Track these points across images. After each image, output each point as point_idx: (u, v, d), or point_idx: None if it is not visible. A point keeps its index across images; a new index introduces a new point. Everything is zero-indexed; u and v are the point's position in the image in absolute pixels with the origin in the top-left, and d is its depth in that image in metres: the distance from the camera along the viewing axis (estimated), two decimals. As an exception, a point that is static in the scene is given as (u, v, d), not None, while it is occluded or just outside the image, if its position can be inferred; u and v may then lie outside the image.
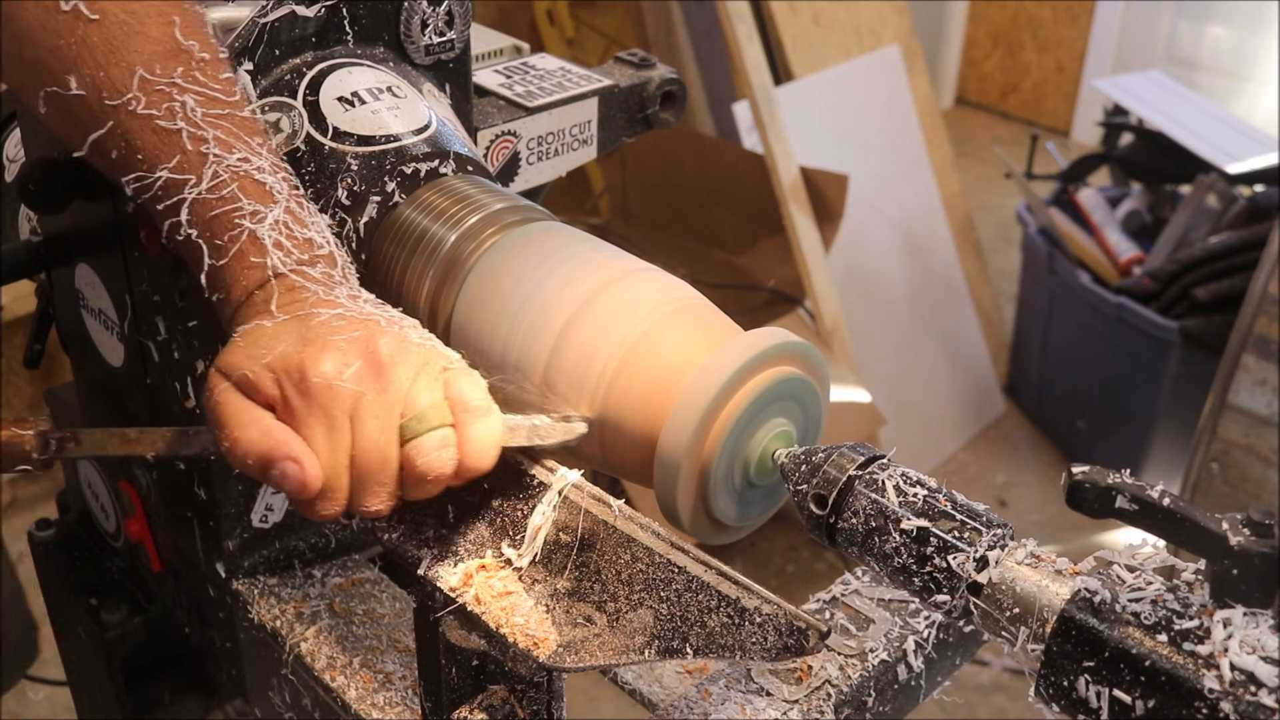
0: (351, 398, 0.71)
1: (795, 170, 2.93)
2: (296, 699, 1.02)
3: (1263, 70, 4.56)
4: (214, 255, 0.78)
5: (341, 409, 0.71)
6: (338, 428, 0.71)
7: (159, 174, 0.78)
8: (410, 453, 0.72)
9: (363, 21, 0.96)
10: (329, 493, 0.72)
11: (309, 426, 0.71)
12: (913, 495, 0.71)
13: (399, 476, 0.73)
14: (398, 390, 0.72)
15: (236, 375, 0.73)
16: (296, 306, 0.75)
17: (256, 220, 0.77)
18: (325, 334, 0.73)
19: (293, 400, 0.71)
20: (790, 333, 0.80)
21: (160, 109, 0.78)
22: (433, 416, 0.72)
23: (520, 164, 1.15)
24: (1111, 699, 0.61)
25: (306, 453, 0.71)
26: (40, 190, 0.92)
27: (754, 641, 0.68)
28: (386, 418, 0.72)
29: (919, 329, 3.42)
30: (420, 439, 0.72)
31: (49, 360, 2.32)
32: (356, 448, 0.72)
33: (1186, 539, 0.61)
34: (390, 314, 0.77)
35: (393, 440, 0.72)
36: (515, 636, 0.73)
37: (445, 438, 0.72)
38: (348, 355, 0.72)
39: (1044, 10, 5.18)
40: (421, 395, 0.72)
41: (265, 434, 0.71)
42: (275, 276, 0.77)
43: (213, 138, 0.78)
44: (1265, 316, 2.19)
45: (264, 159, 0.80)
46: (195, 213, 0.78)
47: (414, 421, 0.72)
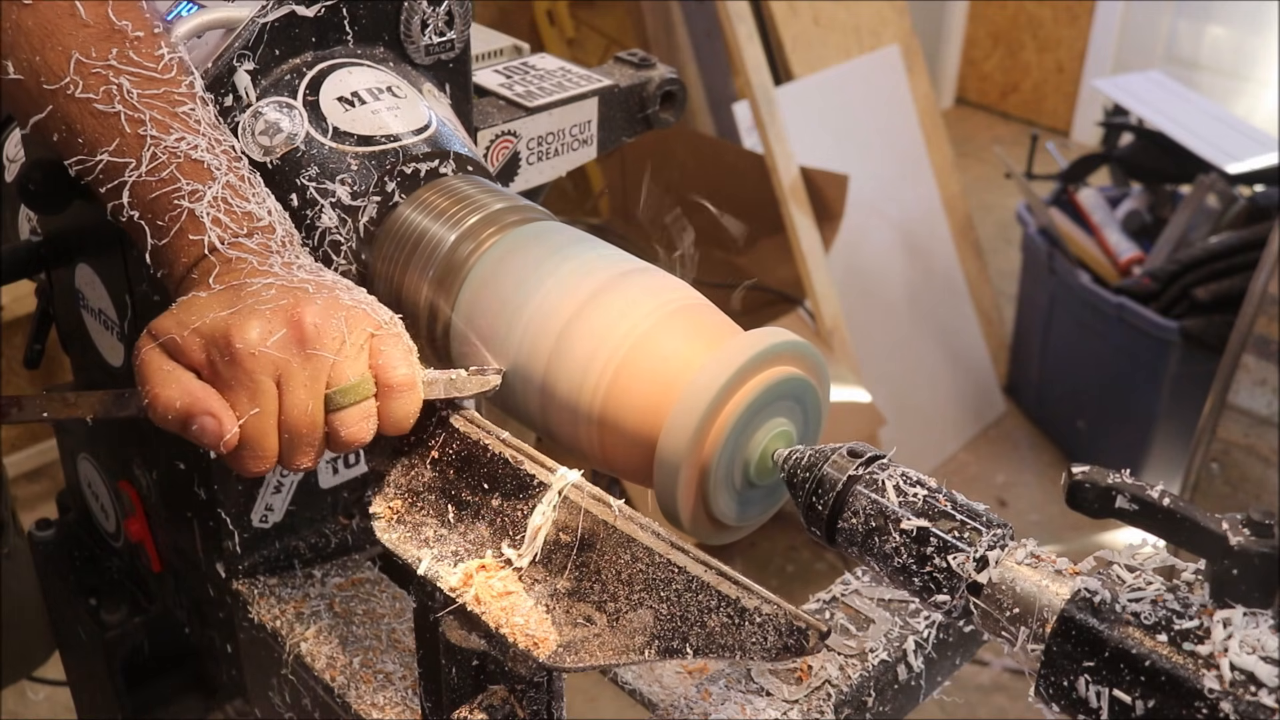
0: (275, 364, 0.75)
1: (795, 170, 2.93)
2: (296, 699, 1.02)
3: (1263, 70, 4.56)
4: (155, 235, 0.80)
5: (265, 373, 0.75)
6: (262, 391, 0.75)
7: (100, 157, 0.80)
8: (335, 423, 0.77)
9: (363, 21, 0.96)
10: (257, 450, 0.77)
11: (232, 390, 0.75)
12: (913, 495, 0.71)
13: (324, 438, 0.78)
14: (323, 358, 0.76)
15: (164, 338, 0.76)
16: (231, 277, 0.79)
17: (195, 199, 0.80)
18: (253, 302, 0.76)
19: (218, 365, 0.75)
20: (790, 333, 0.80)
21: (98, 92, 0.79)
22: (356, 390, 0.77)
23: (520, 164, 1.15)
24: (1111, 699, 0.61)
25: (224, 409, 0.75)
26: (40, 190, 0.92)
27: (754, 641, 0.68)
28: (313, 385, 0.76)
29: (919, 329, 3.42)
30: (344, 412, 0.77)
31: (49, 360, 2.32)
32: (285, 413, 0.76)
33: (1186, 539, 0.61)
34: (323, 279, 0.80)
35: (319, 407, 0.76)
36: (515, 636, 0.73)
37: (367, 410, 0.78)
38: (272, 323, 0.75)
39: (1044, 10, 5.18)
40: (347, 366, 0.77)
41: (184, 391, 0.75)
42: (212, 252, 0.80)
43: (150, 119, 0.80)
44: (1265, 316, 2.19)
45: (201, 136, 0.82)
46: (136, 194, 0.80)
47: (339, 394, 0.76)
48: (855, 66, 3.32)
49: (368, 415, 0.78)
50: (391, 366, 0.78)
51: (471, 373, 0.84)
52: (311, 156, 0.90)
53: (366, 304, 0.80)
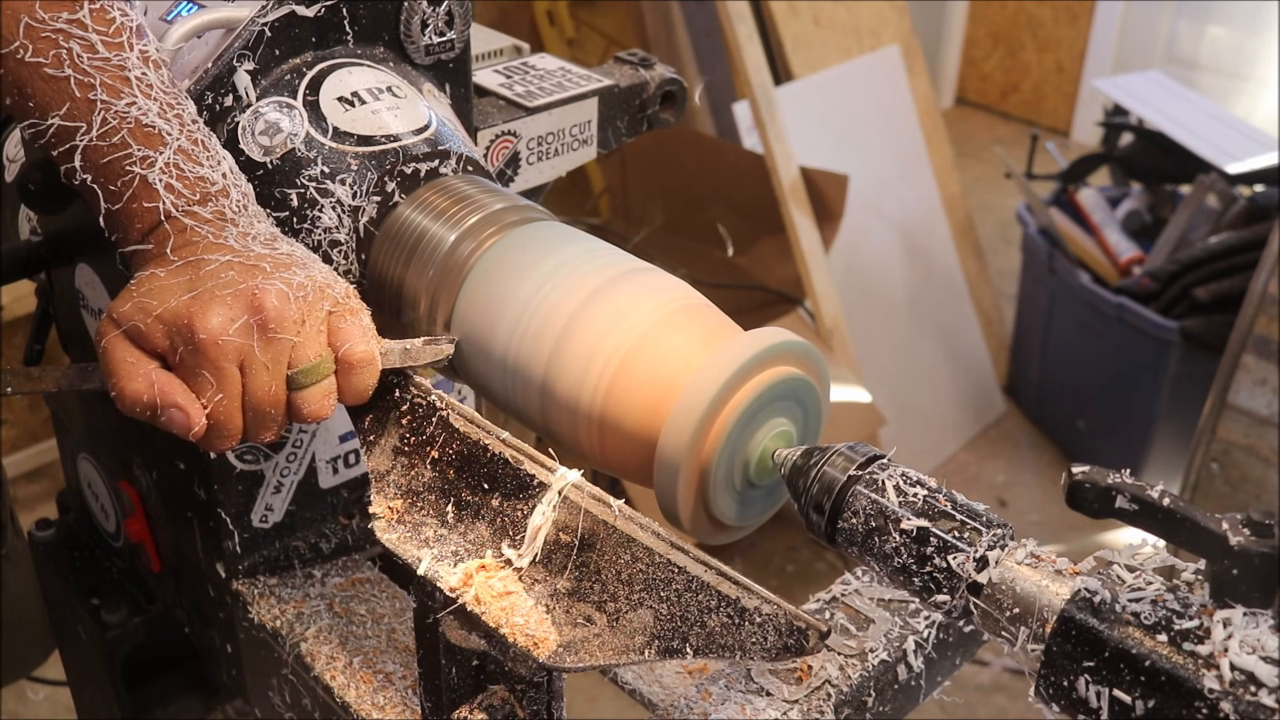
0: (238, 350, 0.77)
1: (795, 170, 2.93)
2: (296, 699, 1.02)
3: (1263, 70, 4.56)
4: (109, 200, 0.81)
5: (229, 360, 0.77)
6: (226, 376, 0.77)
7: (50, 121, 0.80)
8: (297, 401, 0.80)
9: (363, 21, 0.96)
10: (222, 431, 0.79)
11: (197, 376, 0.77)
12: (913, 495, 0.71)
13: (287, 414, 0.80)
14: (284, 341, 0.78)
15: (127, 325, 0.77)
16: (188, 251, 0.79)
17: (146, 165, 0.80)
18: (213, 285, 0.77)
19: (182, 353, 0.77)
20: (790, 333, 0.80)
21: (47, 56, 0.79)
22: (317, 370, 0.79)
23: (520, 164, 1.15)
24: (1111, 699, 0.61)
25: (190, 400, 0.77)
26: (40, 190, 0.92)
27: (754, 641, 0.68)
28: (275, 366, 0.78)
29: (919, 329, 3.42)
30: (306, 391, 0.79)
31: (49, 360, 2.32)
32: (249, 394, 0.78)
33: (1186, 539, 0.61)
34: (279, 254, 0.81)
35: (281, 387, 0.79)
36: (515, 636, 0.73)
37: (327, 387, 0.80)
38: (234, 309, 0.76)
39: (1044, 10, 5.18)
40: (307, 345, 0.79)
41: (150, 384, 0.77)
42: (167, 219, 0.80)
43: (100, 83, 0.80)
44: (1265, 316, 2.19)
45: (153, 101, 0.82)
46: (88, 159, 0.80)
47: (300, 375, 0.79)
48: (855, 66, 3.32)
49: (328, 392, 0.80)
50: (350, 343, 0.80)
51: (425, 342, 0.87)
52: (311, 156, 0.90)
53: (323, 279, 0.81)
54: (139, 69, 0.82)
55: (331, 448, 1.08)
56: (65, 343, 1.23)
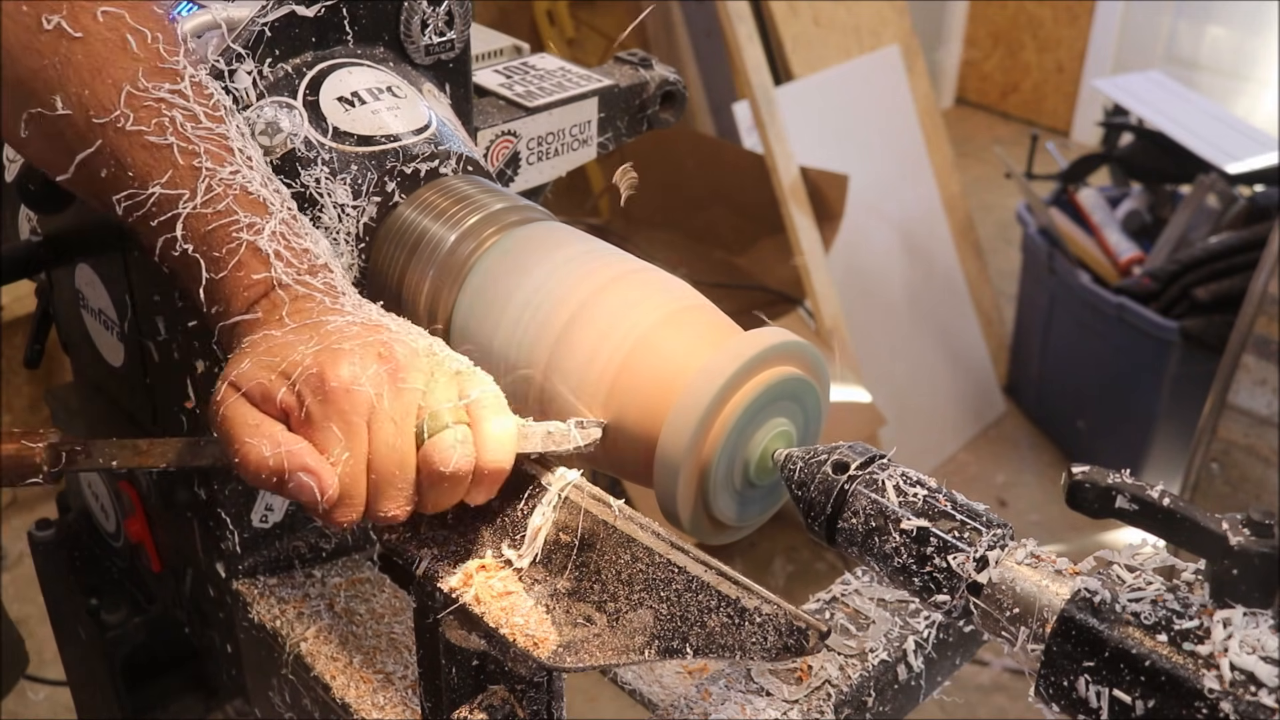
0: (368, 402, 0.70)
1: (795, 170, 2.93)
2: (296, 699, 1.02)
3: (1263, 70, 4.56)
4: (212, 269, 0.77)
5: (359, 414, 0.70)
6: (356, 433, 0.70)
7: (151, 190, 0.77)
8: (428, 451, 0.71)
9: (363, 21, 0.96)
10: (347, 499, 0.71)
11: (327, 432, 0.70)
12: (913, 495, 0.71)
13: (416, 479, 0.72)
14: (413, 393, 0.71)
15: (248, 385, 0.72)
16: (304, 315, 0.75)
17: (254, 232, 0.77)
18: (339, 339, 0.72)
19: (310, 406, 0.71)
20: (790, 333, 0.80)
21: (149, 124, 0.77)
22: (448, 415, 0.72)
23: (520, 164, 1.15)
24: (1111, 699, 0.61)
25: (322, 463, 0.70)
26: (40, 190, 0.92)
27: (754, 641, 0.68)
28: (403, 420, 0.71)
29: (919, 329, 3.42)
30: (437, 437, 0.71)
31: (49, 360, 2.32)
32: (374, 452, 0.71)
33: (1186, 539, 0.61)
34: (397, 321, 0.77)
35: (409, 442, 0.71)
36: (515, 636, 0.73)
37: (462, 435, 0.72)
38: (364, 359, 0.71)
39: (1044, 10, 5.18)
40: (438, 395, 0.72)
41: (277, 446, 0.70)
42: (280, 287, 0.76)
43: (204, 150, 0.78)
44: (1265, 316, 2.19)
45: (255, 172, 0.80)
46: (190, 227, 0.77)
47: (430, 420, 0.71)
48: (855, 66, 3.32)
49: (462, 441, 0.72)
50: (483, 394, 0.74)
51: (572, 424, 0.78)
52: (311, 157, 0.90)
53: (442, 346, 0.77)
54: (239, 140, 0.80)
55: (331, 448, 1.08)
56: (65, 343, 1.23)
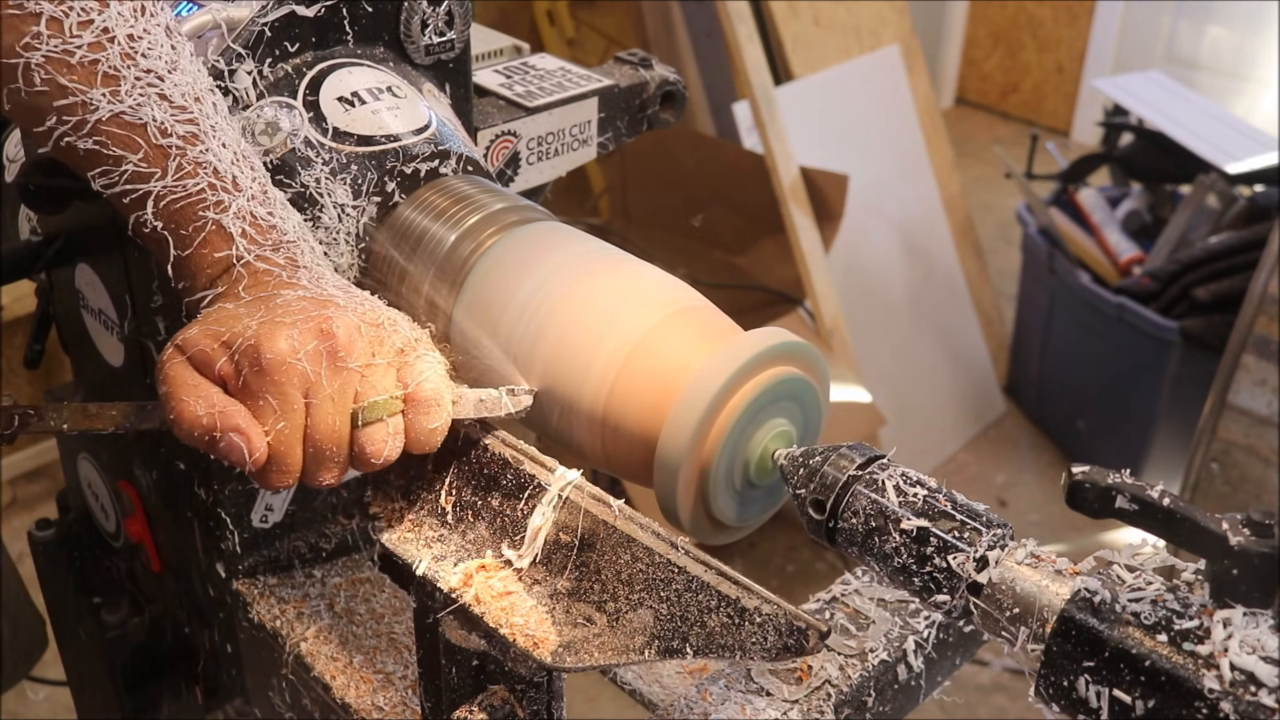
0: (304, 377, 0.73)
1: (795, 170, 2.93)
2: (296, 699, 1.02)
3: (1263, 70, 4.56)
4: (179, 245, 0.80)
5: (294, 386, 0.73)
6: (290, 404, 0.74)
7: (125, 168, 0.79)
8: (361, 439, 0.75)
9: (363, 21, 0.96)
10: (281, 465, 0.75)
11: (259, 402, 0.74)
12: (913, 495, 0.71)
13: (349, 454, 0.76)
14: (352, 371, 0.75)
15: (191, 350, 0.75)
16: (260, 289, 0.78)
17: (220, 210, 0.80)
18: (283, 314, 0.75)
19: (247, 376, 0.74)
20: (790, 333, 0.80)
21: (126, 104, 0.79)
22: (384, 406, 0.76)
23: (520, 164, 1.15)
24: (1111, 699, 0.61)
25: (252, 425, 0.73)
26: (40, 190, 0.92)
27: (754, 641, 0.68)
28: (341, 400, 0.75)
29: (919, 329, 3.42)
30: (371, 428, 0.75)
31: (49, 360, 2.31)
32: (312, 427, 0.74)
33: (1186, 539, 0.61)
34: (353, 294, 0.80)
35: (345, 421, 0.75)
36: (515, 636, 0.73)
37: (395, 427, 0.76)
38: (303, 334, 0.74)
39: (1044, 10, 5.18)
40: (375, 380, 0.76)
41: (210, 406, 0.73)
42: (240, 263, 0.79)
43: (177, 132, 0.80)
44: (1265, 316, 2.19)
45: (227, 150, 0.82)
46: (159, 205, 0.79)
47: (366, 410, 0.75)
48: (855, 66, 3.32)
49: (395, 432, 0.76)
50: (420, 382, 0.77)
51: (503, 392, 0.82)
52: (311, 156, 0.90)
53: (395, 320, 0.79)
54: (214, 119, 0.82)
55: (331, 448, 1.08)
56: (65, 343, 1.23)
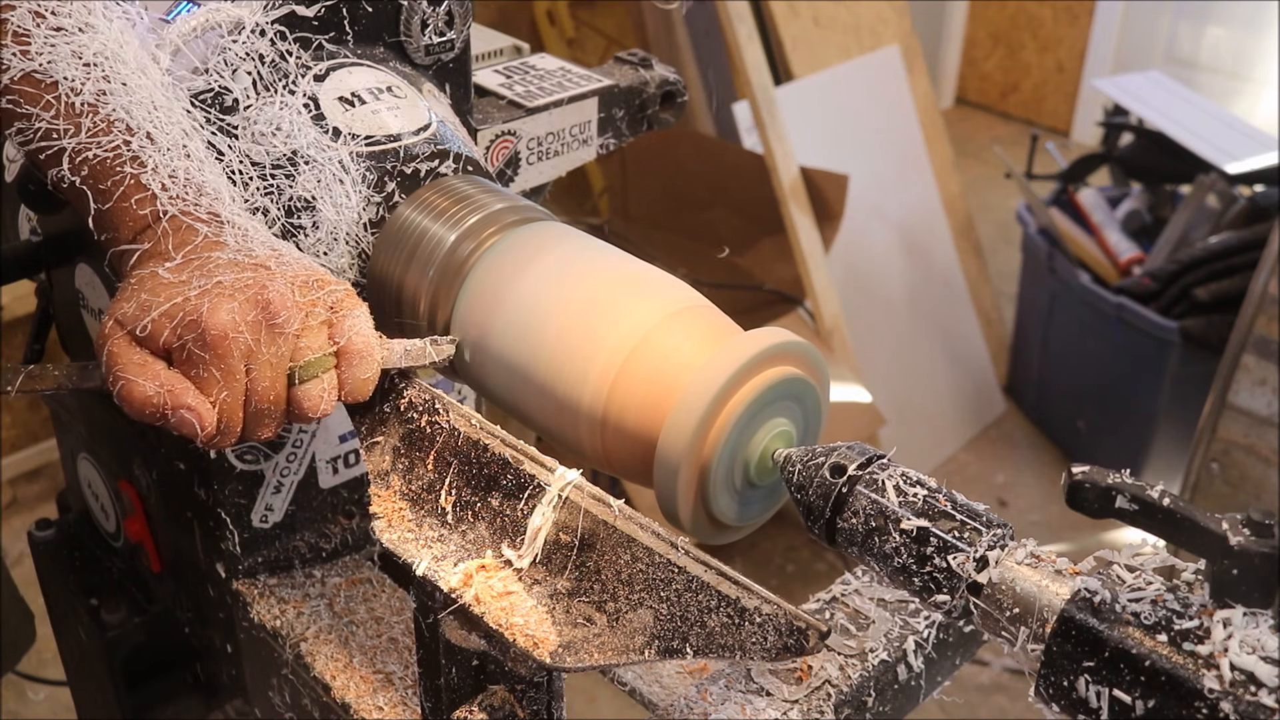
0: (245, 347, 0.75)
1: (795, 170, 2.93)
2: (296, 699, 1.02)
3: (1263, 70, 4.56)
4: (99, 199, 0.80)
5: (236, 358, 0.75)
6: (233, 376, 0.75)
7: (38, 125, 0.79)
8: (297, 395, 0.78)
9: (363, 21, 0.96)
10: (225, 430, 0.77)
11: (204, 373, 0.75)
12: (913, 495, 0.71)
13: (286, 410, 0.79)
14: (287, 336, 0.77)
15: (131, 324, 0.75)
16: (188, 249, 0.78)
17: (137, 165, 0.80)
18: (219, 280, 0.76)
19: (191, 350, 0.75)
20: (790, 333, 0.80)
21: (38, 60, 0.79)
22: (317, 364, 0.78)
23: (520, 164, 1.15)
24: (1111, 699, 0.61)
25: (201, 402, 0.75)
26: (40, 190, 0.92)
27: (754, 641, 0.68)
28: (278, 363, 0.77)
29: (919, 329, 3.42)
30: (306, 385, 0.78)
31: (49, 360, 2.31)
32: (251, 391, 0.77)
33: (1186, 539, 0.61)
34: (280, 252, 0.81)
35: (283, 382, 0.77)
36: (515, 636, 0.73)
37: (329, 383, 0.79)
38: (243, 306, 0.75)
39: (1044, 10, 5.18)
40: (309, 340, 0.78)
41: (160, 385, 0.74)
42: (165, 217, 0.79)
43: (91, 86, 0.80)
44: (1265, 316, 2.19)
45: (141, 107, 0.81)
46: (75, 161, 0.80)
47: (301, 370, 0.78)
48: (855, 66, 3.32)
49: (330, 387, 0.79)
50: (351, 336, 0.79)
51: (428, 343, 0.86)
52: (311, 156, 0.90)
53: (323, 277, 0.81)
54: (124, 76, 0.82)
55: (331, 448, 1.08)
56: (65, 343, 1.23)
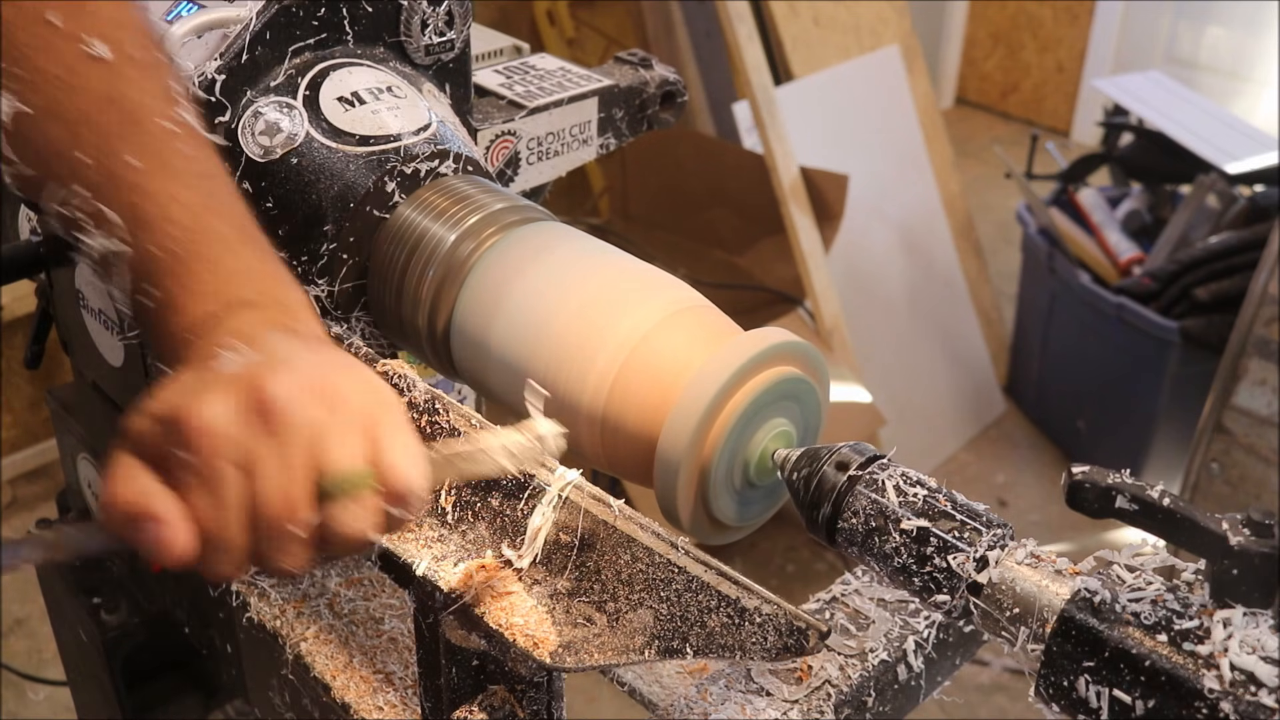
0: (236, 445, 0.62)
1: (795, 170, 2.93)
2: (296, 699, 1.02)
3: (1263, 70, 4.56)
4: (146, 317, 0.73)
5: (223, 456, 0.62)
6: (220, 478, 0.62)
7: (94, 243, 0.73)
8: (329, 518, 0.64)
9: (363, 21, 0.96)
10: (220, 549, 0.64)
11: (188, 480, 0.63)
12: (913, 495, 0.71)
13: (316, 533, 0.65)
14: (298, 436, 0.63)
15: (130, 431, 0.65)
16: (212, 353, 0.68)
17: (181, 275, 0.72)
18: (215, 376, 0.65)
19: (174, 450, 0.63)
20: (790, 333, 0.80)
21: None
22: (351, 480, 0.64)
23: (520, 164, 1.15)
24: (1111, 699, 0.61)
25: (173, 512, 0.62)
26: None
27: (754, 641, 0.68)
28: (290, 472, 0.63)
29: (919, 329, 3.42)
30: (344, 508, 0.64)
31: (49, 360, 2.31)
32: (259, 499, 0.63)
33: (1186, 539, 0.61)
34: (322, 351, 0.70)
35: (301, 492, 0.63)
36: (515, 636, 0.73)
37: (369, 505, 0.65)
38: (231, 396, 0.63)
39: (1044, 10, 5.18)
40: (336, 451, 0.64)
41: (129, 490, 0.62)
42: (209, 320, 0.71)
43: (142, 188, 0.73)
44: (1265, 316, 2.19)
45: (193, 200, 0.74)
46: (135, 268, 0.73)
47: (329, 484, 0.64)
48: (855, 66, 3.32)
49: (370, 511, 0.65)
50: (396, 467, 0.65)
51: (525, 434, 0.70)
52: (311, 157, 0.90)
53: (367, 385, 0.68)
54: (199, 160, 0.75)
55: (331, 448, 1.08)
56: (65, 343, 1.23)
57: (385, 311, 0.93)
